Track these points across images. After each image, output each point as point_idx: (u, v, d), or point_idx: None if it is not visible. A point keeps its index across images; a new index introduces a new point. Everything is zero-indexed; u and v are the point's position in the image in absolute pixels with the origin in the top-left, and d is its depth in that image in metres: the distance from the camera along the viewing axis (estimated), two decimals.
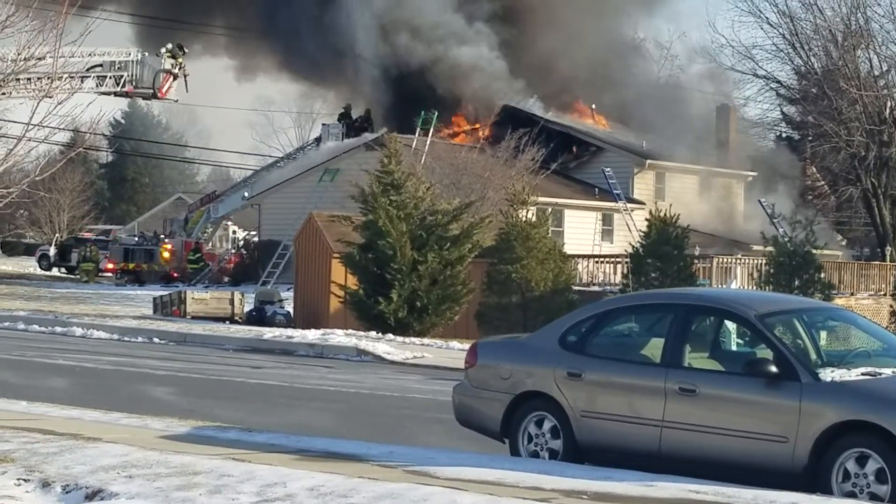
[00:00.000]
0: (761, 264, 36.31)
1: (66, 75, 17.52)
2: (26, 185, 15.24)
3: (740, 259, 41.17)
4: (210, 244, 68.63)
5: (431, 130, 55.49)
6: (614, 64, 63.41)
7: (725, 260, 40.35)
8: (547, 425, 12.69)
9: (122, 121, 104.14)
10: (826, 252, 38.64)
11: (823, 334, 12.74)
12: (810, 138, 59.26)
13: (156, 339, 32.11)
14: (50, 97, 14.43)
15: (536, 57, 62.24)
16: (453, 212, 34.40)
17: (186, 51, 56.46)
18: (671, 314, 12.46)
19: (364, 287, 33.71)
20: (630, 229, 51.61)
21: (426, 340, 32.01)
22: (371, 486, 10.32)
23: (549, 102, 62.41)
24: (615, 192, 56.68)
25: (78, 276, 66.19)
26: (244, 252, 63.08)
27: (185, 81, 56.00)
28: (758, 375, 11.51)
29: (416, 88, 62.25)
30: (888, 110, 53.40)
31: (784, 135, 67.09)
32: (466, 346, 19.76)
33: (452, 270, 33.52)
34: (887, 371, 11.54)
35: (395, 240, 32.95)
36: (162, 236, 67.89)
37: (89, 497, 10.19)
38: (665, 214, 34.74)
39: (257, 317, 39.02)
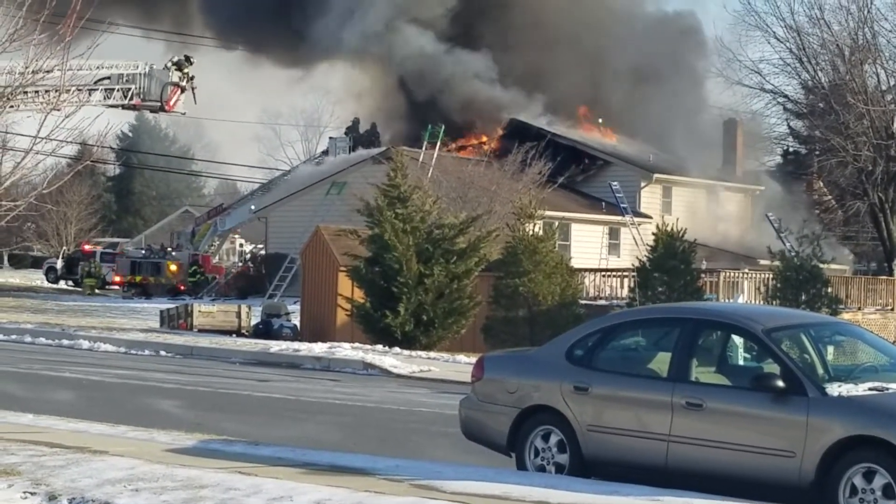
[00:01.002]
0: (768, 279, 36.27)
1: (73, 88, 17.52)
2: (34, 198, 15.26)
3: (747, 273, 41.12)
4: (217, 257, 68.70)
5: (438, 144, 55.53)
6: (622, 77, 63.48)
7: (732, 274, 40.30)
8: (553, 439, 12.67)
9: (130, 134, 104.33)
10: (833, 266, 38.59)
11: (830, 349, 12.72)
12: (817, 153, 59.16)
13: (162, 352, 32.11)
14: (58, 110, 14.45)
15: (541, 69, 62.36)
16: (460, 225, 34.40)
17: (194, 61, 56.48)
18: (678, 328, 12.45)
19: (371, 300, 33.71)
20: (637, 243, 51.58)
21: (433, 354, 31.99)
22: (377, 500, 10.31)
23: (555, 116, 62.47)
24: (622, 205, 56.69)
25: (83, 290, 66.35)
26: (251, 265, 63.14)
27: (193, 94, 56.06)
28: (765, 390, 11.49)
29: (422, 103, 62.45)
30: (895, 125, 53.31)
31: (791, 149, 67.00)
32: (473, 359, 19.75)
33: (459, 284, 33.52)
34: (894, 386, 11.51)
35: (401, 253, 32.96)
36: (169, 249, 67.96)
37: None
38: (672, 228, 34.75)
39: (264, 330, 39.03)
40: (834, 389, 11.34)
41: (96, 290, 65.64)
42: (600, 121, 64.28)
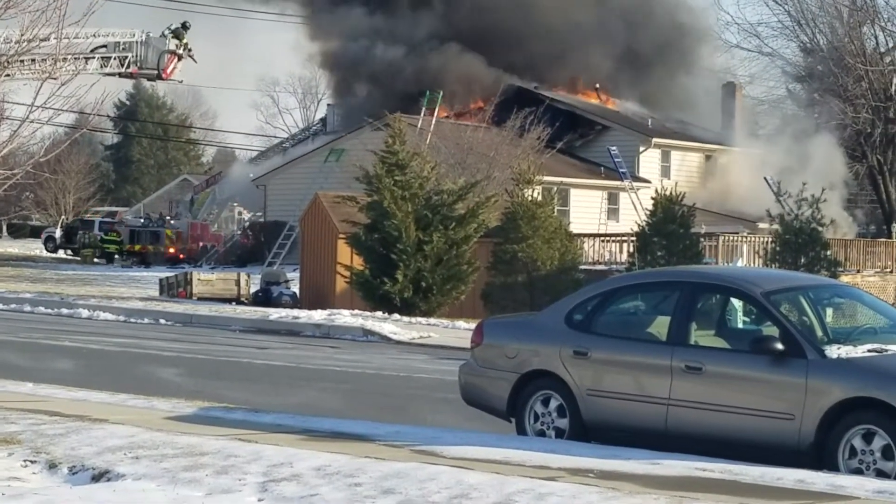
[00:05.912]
0: (767, 242, 36.26)
1: (69, 57, 17.46)
2: (31, 167, 15.22)
3: (746, 237, 41.11)
4: (216, 225, 68.69)
5: (437, 110, 55.38)
6: (623, 39, 63.27)
7: (731, 238, 40.28)
8: (553, 404, 12.68)
9: (127, 102, 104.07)
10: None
11: (829, 311, 12.73)
12: (816, 115, 59.10)
13: (162, 321, 32.14)
14: (54, 79, 14.37)
15: (542, 32, 62.13)
16: (459, 191, 34.36)
17: (190, 26, 56.20)
18: (677, 292, 12.43)
19: (370, 267, 33.69)
20: (636, 208, 51.52)
21: (432, 320, 32.02)
22: (378, 465, 10.32)
23: (553, 81, 62.29)
24: (621, 170, 56.54)
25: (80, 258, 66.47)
26: (250, 233, 63.13)
27: (193, 58, 55.86)
28: (764, 353, 11.49)
29: (421, 70, 62.34)
30: (894, 87, 53.24)
31: (790, 112, 66.91)
32: (472, 325, 19.74)
33: (458, 250, 33.50)
34: (893, 347, 11.50)
35: (400, 220, 32.92)
36: (168, 218, 67.94)
37: (96, 478, 10.20)
38: (671, 193, 34.70)
39: (263, 297, 39.06)
40: (833, 351, 11.34)
41: (94, 259, 65.77)
42: (597, 86, 64.09)
